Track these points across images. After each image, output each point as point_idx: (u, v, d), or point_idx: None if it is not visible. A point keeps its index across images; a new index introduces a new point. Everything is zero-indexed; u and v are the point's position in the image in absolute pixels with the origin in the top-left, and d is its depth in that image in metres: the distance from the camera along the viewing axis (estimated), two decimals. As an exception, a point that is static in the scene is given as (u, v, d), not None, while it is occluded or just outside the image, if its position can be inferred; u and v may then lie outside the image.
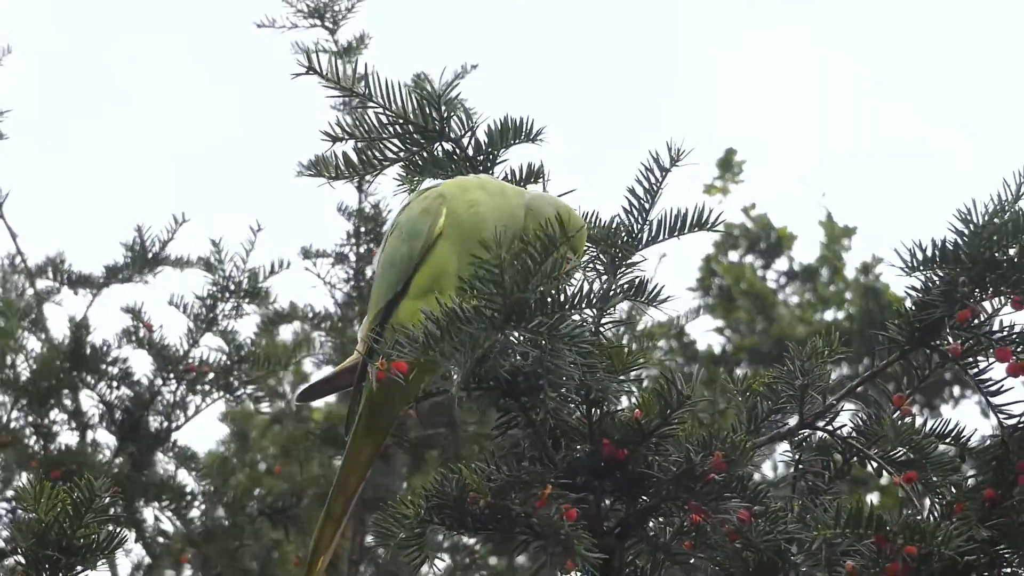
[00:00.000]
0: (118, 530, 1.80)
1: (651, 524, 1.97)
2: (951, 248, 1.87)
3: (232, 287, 3.60)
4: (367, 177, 1.82)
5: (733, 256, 8.98)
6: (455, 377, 1.78)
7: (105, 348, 3.57)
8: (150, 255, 3.75)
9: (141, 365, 3.68)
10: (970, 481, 1.92)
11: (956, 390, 7.53)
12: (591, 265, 1.99)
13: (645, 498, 1.94)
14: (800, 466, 2.04)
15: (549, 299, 1.79)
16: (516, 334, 1.83)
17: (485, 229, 1.99)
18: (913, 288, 1.92)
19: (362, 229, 3.98)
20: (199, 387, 3.62)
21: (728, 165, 9.13)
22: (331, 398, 5.17)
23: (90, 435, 3.65)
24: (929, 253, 1.88)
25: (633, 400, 1.95)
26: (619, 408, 1.95)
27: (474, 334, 1.78)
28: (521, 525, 1.88)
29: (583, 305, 1.81)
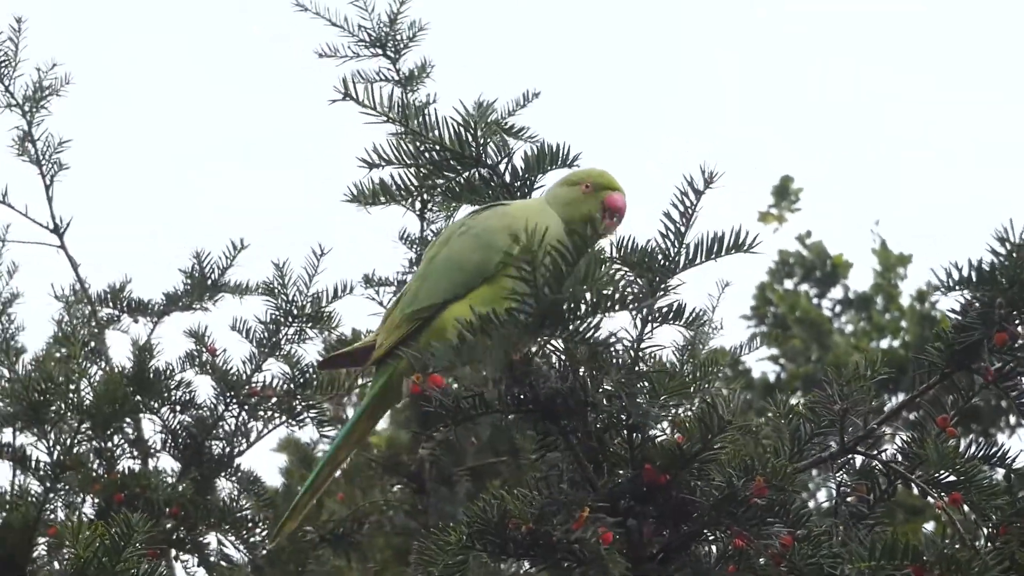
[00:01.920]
0: (156, 564, 1.81)
1: (694, 549, 1.97)
2: (988, 269, 1.87)
3: (295, 312, 3.60)
4: (404, 203, 1.81)
5: (788, 284, 8.93)
6: (488, 376, 1.78)
7: (168, 372, 3.58)
8: (209, 282, 3.75)
9: (204, 390, 3.68)
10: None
11: (1012, 419, 7.45)
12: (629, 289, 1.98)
13: (687, 524, 1.94)
14: (842, 490, 2.03)
15: (585, 302, 1.79)
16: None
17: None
18: (953, 310, 1.92)
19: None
20: (261, 412, 3.62)
21: (784, 193, 9.09)
22: (387, 425, 5.20)
23: (151, 463, 3.66)
24: (965, 274, 1.87)
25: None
26: (660, 434, 1.95)
27: (507, 335, 1.79)
28: (562, 551, 1.88)
29: (618, 307, 1.81)
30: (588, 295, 1.81)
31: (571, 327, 1.83)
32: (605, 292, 1.82)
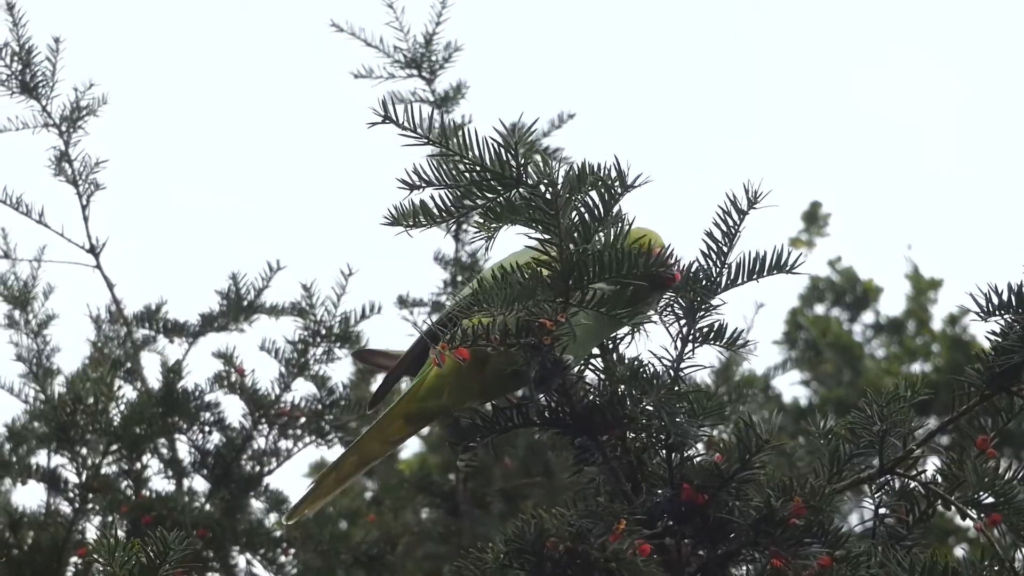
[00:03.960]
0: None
1: (732, 569, 1.97)
2: (1028, 293, 1.86)
3: (323, 331, 3.60)
4: (443, 225, 1.81)
5: (819, 309, 8.95)
6: (500, 322, 1.77)
7: (197, 392, 3.59)
8: (245, 303, 3.75)
9: (233, 410, 3.69)
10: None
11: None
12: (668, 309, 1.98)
13: (725, 544, 1.94)
14: (881, 511, 2.02)
15: (611, 263, 1.80)
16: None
17: None
18: (993, 333, 1.91)
19: (459, 278, 3.97)
20: (290, 432, 3.63)
21: (813, 218, 9.10)
22: (420, 446, 5.20)
23: (185, 483, 3.66)
24: (1005, 298, 1.87)
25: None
26: (700, 453, 1.95)
27: (526, 286, 1.80)
28: (600, 571, 1.88)
29: (643, 271, 1.81)
30: (614, 256, 1.82)
31: (594, 294, 1.82)
32: (631, 254, 1.82)
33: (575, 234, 1.82)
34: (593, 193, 1.83)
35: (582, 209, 1.82)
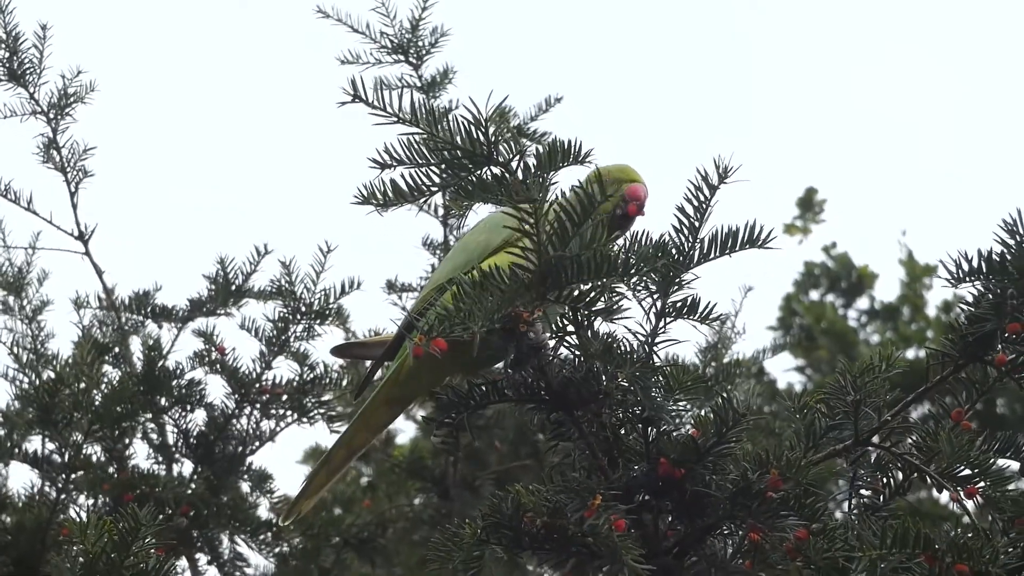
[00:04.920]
0: (166, 560, 1.81)
1: (709, 543, 1.97)
2: (997, 259, 1.86)
3: (303, 309, 3.59)
4: (417, 204, 1.80)
5: (814, 295, 8.95)
6: (476, 329, 1.79)
7: (178, 371, 3.59)
8: (233, 287, 3.74)
9: (216, 390, 3.69)
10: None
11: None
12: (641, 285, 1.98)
13: (703, 517, 1.94)
14: (856, 484, 2.03)
15: (589, 265, 1.81)
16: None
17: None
18: (965, 301, 1.91)
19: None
20: (273, 411, 3.62)
21: (808, 204, 9.10)
22: (413, 430, 5.20)
23: (175, 469, 3.66)
24: (975, 264, 1.87)
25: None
26: (676, 428, 1.95)
27: (505, 292, 1.80)
28: (577, 544, 1.89)
29: (621, 271, 1.82)
30: (592, 257, 1.82)
31: (572, 290, 1.83)
32: (609, 256, 1.82)
33: (552, 242, 1.83)
34: (574, 207, 1.83)
35: (561, 213, 1.82)
